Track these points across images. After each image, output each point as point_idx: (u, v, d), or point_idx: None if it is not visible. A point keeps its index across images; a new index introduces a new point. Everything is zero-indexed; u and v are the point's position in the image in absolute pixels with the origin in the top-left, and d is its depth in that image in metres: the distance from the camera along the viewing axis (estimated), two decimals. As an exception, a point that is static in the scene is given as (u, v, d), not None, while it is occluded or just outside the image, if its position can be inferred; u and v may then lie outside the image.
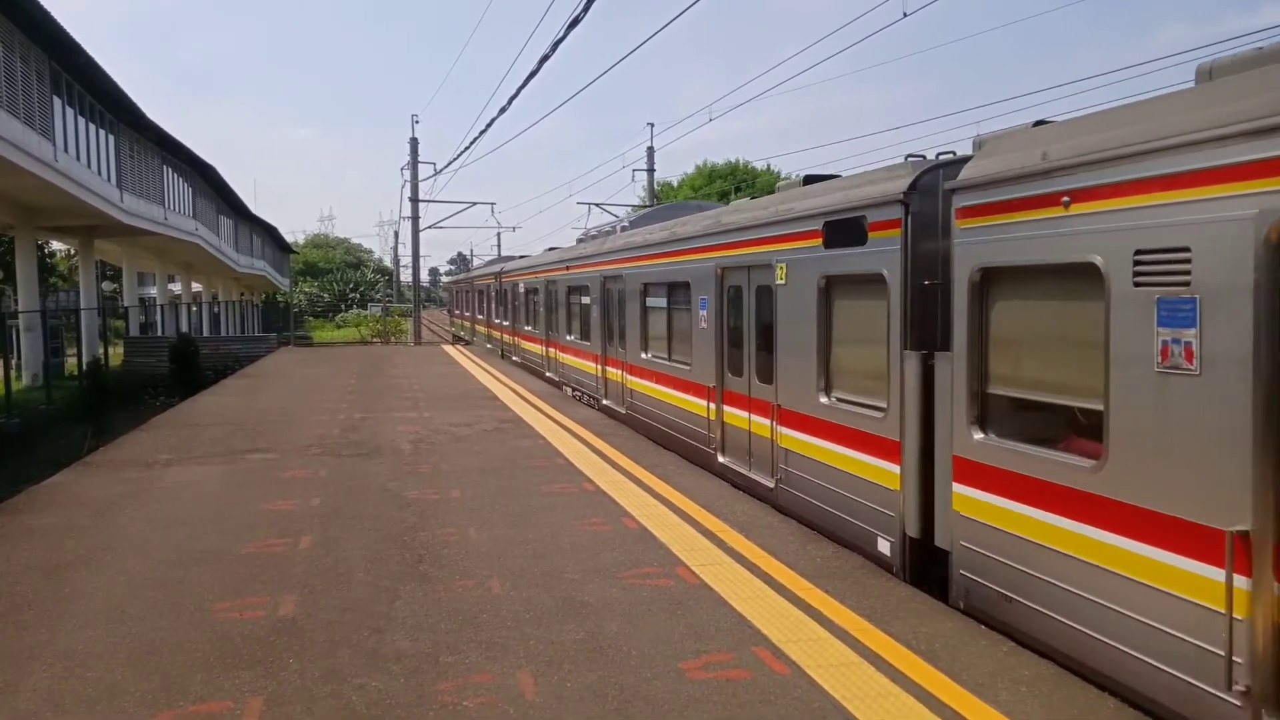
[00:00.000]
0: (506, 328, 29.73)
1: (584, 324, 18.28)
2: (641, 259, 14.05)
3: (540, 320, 22.87)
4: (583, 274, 18.05)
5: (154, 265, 44.44)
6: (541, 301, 22.60)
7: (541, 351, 22.79)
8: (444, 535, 7.72)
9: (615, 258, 15.56)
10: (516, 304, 27.45)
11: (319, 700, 4.70)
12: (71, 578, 6.68)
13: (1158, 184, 4.71)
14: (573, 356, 19.25)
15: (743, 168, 60.37)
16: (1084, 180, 5.13)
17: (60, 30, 20.80)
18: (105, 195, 26.38)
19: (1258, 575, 4.17)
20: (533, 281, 24.21)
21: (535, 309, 23.84)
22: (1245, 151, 4.24)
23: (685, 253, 11.89)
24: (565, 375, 20.17)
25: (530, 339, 24.74)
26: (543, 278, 22.54)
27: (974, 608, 6.05)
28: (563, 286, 20.04)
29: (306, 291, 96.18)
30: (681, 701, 4.65)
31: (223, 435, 13.08)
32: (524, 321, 25.93)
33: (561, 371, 20.64)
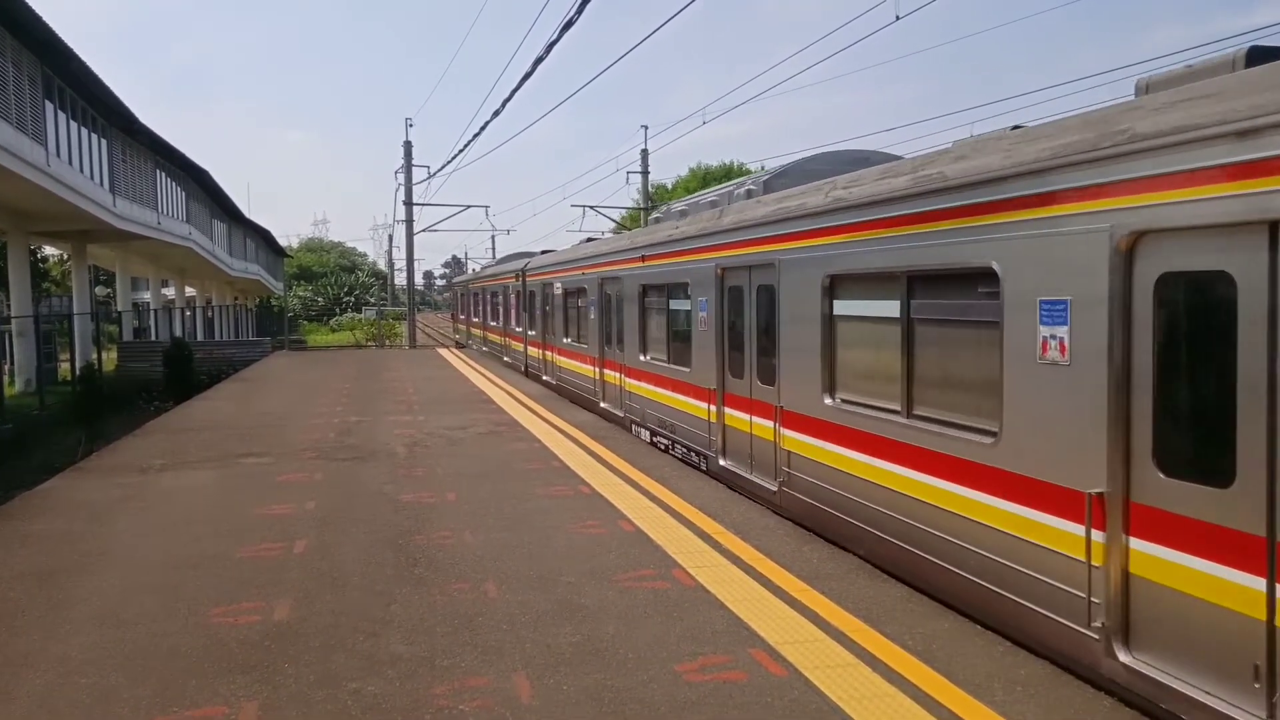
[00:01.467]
0: (532, 339, 23.81)
1: (684, 340, 12.06)
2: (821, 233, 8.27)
3: (592, 332, 16.90)
4: (679, 265, 12.02)
5: (147, 270, 44.31)
6: (594, 306, 16.67)
7: (594, 374, 16.77)
8: (439, 539, 7.71)
9: (747, 236, 9.88)
10: (549, 309, 21.53)
11: (314, 705, 4.68)
12: (65, 583, 6.65)
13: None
14: (663, 390, 12.76)
15: (737, 170, 60.40)
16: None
17: (52, 35, 20.75)
18: (98, 200, 26.31)
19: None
20: (577, 280, 18.25)
21: (581, 315, 18.12)
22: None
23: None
24: (647, 413, 13.46)
25: (573, 356, 18.81)
26: (595, 274, 16.60)
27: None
28: (634, 285, 14.02)
29: (301, 295, 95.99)
30: (678, 704, 4.65)
31: (217, 440, 13.04)
32: (563, 332, 19.86)
33: (636, 406, 13.93)
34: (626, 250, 14.69)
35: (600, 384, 16.38)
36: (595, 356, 16.56)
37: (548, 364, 21.60)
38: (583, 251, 18.61)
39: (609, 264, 15.68)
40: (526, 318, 24.68)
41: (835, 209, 7.95)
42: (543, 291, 22.13)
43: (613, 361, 15.42)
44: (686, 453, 11.76)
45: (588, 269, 17.31)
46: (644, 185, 41.79)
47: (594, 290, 16.52)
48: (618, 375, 14.86)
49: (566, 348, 19.38)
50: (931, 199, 6.57)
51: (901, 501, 6.90)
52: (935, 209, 6.55)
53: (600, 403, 15.16)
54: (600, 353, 16.23)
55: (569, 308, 19.38)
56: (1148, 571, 4.81)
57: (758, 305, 9.80)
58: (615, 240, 17.10)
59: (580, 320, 18.14)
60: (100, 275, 52.13)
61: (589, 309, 16.95)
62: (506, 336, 28.99)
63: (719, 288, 10.64)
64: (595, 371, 16.48)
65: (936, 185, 6.52)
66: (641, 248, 13.76)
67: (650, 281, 13.39)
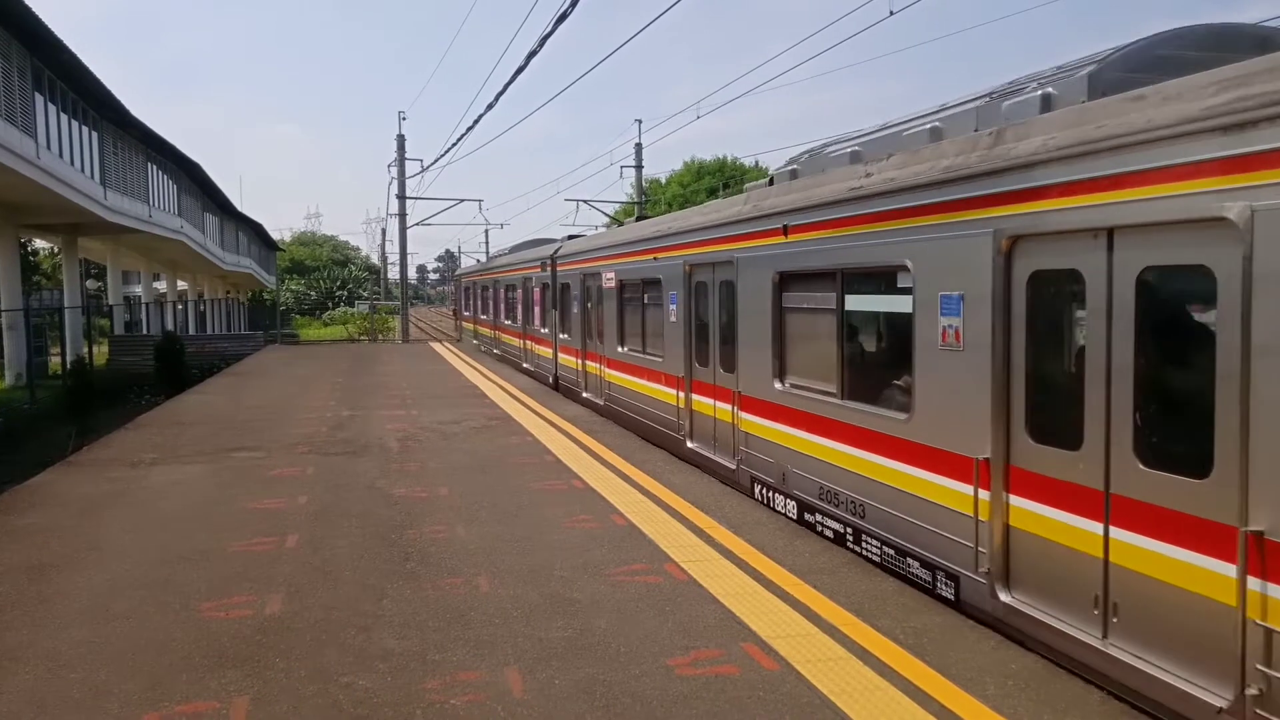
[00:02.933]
0: (565, 344, 18.79)
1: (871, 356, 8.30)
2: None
3: (671, 339, 12.10)
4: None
5: (139, 263, 44.16)
6: (674, 302, 11.99)
7: (675, 399, 11.98)
8: (432, 533, 7.70)
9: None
10: (592, 305, 16.54)
11: (306, 699, 4.67)
12: (55, 578, 6.62)
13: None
14: (847, 447, 7.91)
15: (731, 164, 60.40)
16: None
17: (42, 27, 20.61)
18: (89, 192, 26.17)
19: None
20: (644, 268, 13.23)
21: (651, 315, 13.25)
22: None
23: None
24: (805, 479, 8.57)
25: (637, 371, 13.77)
26: (678, 258, 11.77)
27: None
28: (760, 273, 9.37)
29: (293, 289, 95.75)
30: (670, 698, 4.65)
31: (209, 434, 13.00)
32: (618, 337, 14.78)
33: (773, 458, 9.22)
34: (748, 220, 9.53)
35: (686, 414, 11.62)
36: (677, 375, 11.85)
37: (592, 378, 16.71)
38: (655, 228, 13.22)
39: (712, 242, 10.61)
40: (556, 316, 19.55)
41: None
42: (582, 284, 17.08)
43: (713, 385, 10.80)
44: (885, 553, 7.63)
45: (667, 250, 12.20)
46: (638, 179, 41.77)
47: (676, 280, 11.81)
48: (729, 409, 10.14)
49: (624, 359, 14.45)
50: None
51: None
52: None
53: (687, 441, 11.46)
54: (686, 369, 11.57)
55: (628, 304, 14.46)
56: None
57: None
58: (719, 207, 11.11)
59: (650, 322, 13.29)
60: (91, 269, 51.87)
61: (666, 306, 12.22)
62: (527, 339, 23.40)
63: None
64: (678, 397, 11.82)
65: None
66: (783, 213, 8.79)
67: (808, 266, 8.45)
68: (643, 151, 40.39)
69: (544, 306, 21.10)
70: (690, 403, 11.57)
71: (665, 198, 57.08)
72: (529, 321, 23.25)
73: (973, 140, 6.41)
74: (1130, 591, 4.97)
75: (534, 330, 22.62)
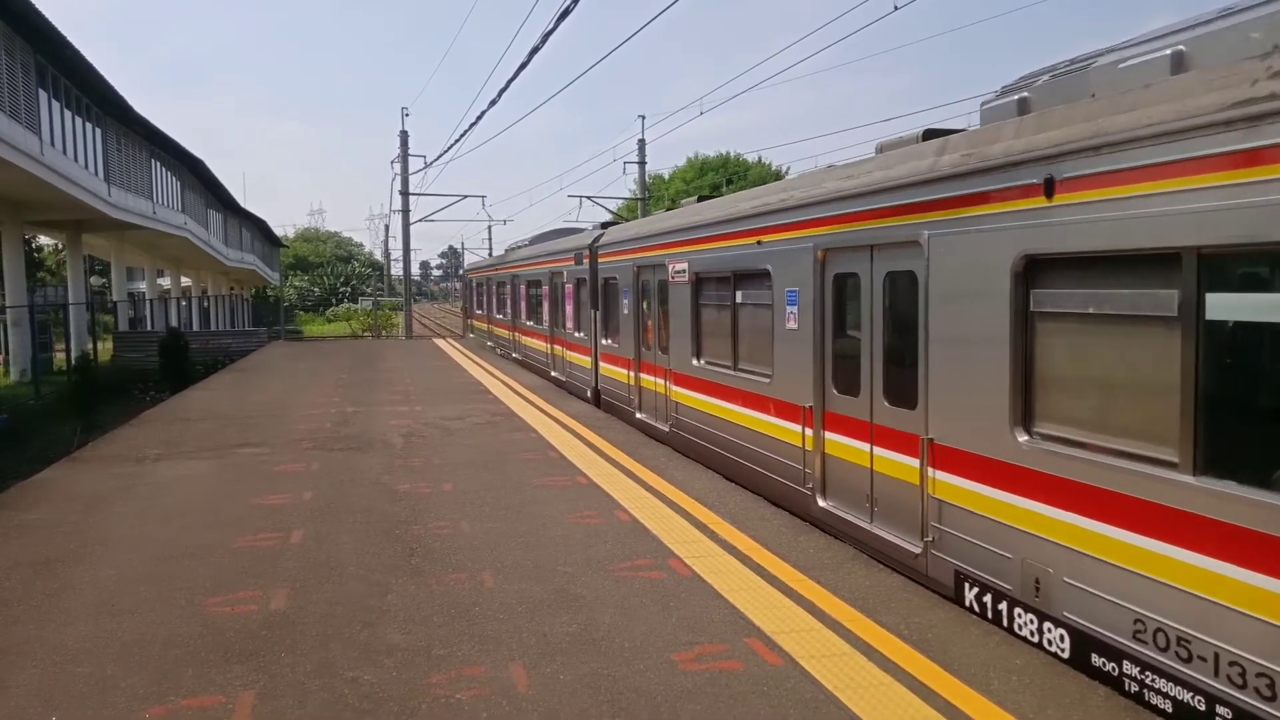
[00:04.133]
0: (610, 352, 15.74)
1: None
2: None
3: (790, 353, 8.93)
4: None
5: (143, 260, 44.18)
6: (791, 304, 8.87)
7: (795, 439, 8.74)
8: (436, 528, 7.71)
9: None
10: (649, 306, 13.57)
11: (311, 694, 4.69)
12: (61, 573, 6.64)
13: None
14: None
15: (734, 160, 60.30)
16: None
17: (46, 23, 20.62)
18: (92, 189, 26.19)
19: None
20: (733, 256, 10.28)
21: (755, 322, 9.87)
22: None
23: None
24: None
25: (725, 393, 10.55)
26: (792, 242, 8.81)
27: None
28: (988, 259, 6.11)
29: (297, 285, 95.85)
30: (674, 693, 4.66)
31: (213, 430, 13.02)
32: (693, 347, 11.63)
33: (986, 540, 6.21)
34: (959, 177, 6.35)
35: (817, 459, 8.28)
36: (799, 404, 8.58)
37: (650, 397, 13.52)
38: (758, 200, 9.74)
39: (868, 215, 7.47)
40: (597, 318, 16.52)
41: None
42: (635, 278, 14.05)
43: (871, 425, 7.52)
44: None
45: (782, 230, 8.95)
46: (641, 176, 41.72)
47: (799, 271, 8.56)
48: (908, 463, 6.95)
49: (704, 376, 11.22)
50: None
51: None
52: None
53: (819, 498, 8.25)
54: (817, 397, 8.29)
55: (709, 304, 11.29)
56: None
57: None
58: (884, 162, 7.49)
59: (747, 328, 10.11)
60: (95, 265, 51.97)
61: (779, 307, 9.01)
62: (556, 344, 20.24)
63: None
64: (802, 435, 8.52)
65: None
66: (1049, 158, 5.58)
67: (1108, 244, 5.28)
68: (646, 147, 40.35)
69: (578, 306, 17.90)
70: (823, 444, 8.21)
71: (668, 194, 57.01)
72: (558, 323, 19.91)
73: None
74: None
75: (565, 334, 19.21)
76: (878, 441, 7.43)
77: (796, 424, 8.68)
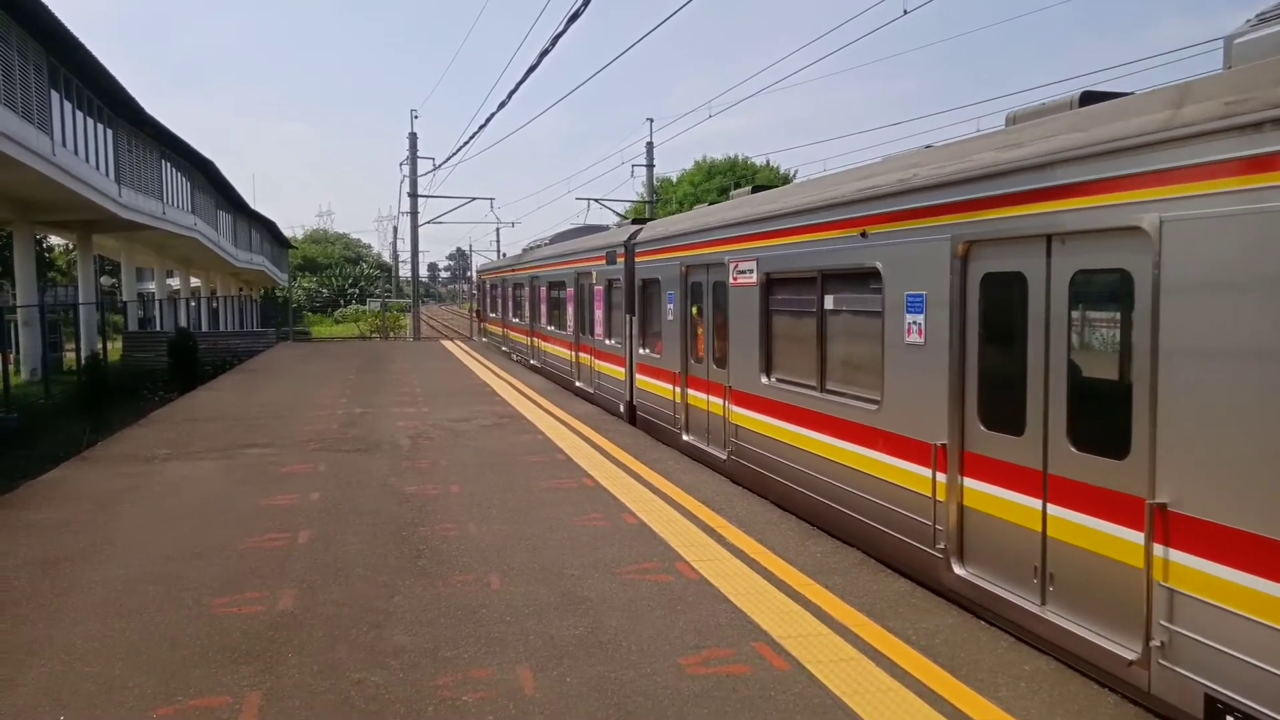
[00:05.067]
0: (651, 363, 13.69)
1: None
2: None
3: (918, 380, 6.80)
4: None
5: (152, 260, 44.37)
6: (927, 315, 6.70)
7: (919, 485, 6.76)
8: (443, 530, 7.71)
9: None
10: (714, 313, 11.20)
11: (318, 695, 4.69)
12: (70, 572, 6.66)
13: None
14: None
15: (742, 164, 60.27)
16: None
17: (58, 24, 20.72)
18: (103, 190, 26.31)
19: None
20: (823, 253, 8.34)
21: (852, 335, 8.23)
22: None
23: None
24: None
25: (814, 421, 8.49)
26: (934, 230, 6.62)
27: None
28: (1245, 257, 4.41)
29: (305, 287, 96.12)
30: (681, 697, 4.64)
31: (221, 430, 13.06)
32: (763, 365, 9.73)
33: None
34: (1205, 135, 4.61)
35: (952, 514, 6.42)
36: (923, 439, 6.73)
37: (699, 416, 11.71)
38: (863, 183, 7.72)
39: (1042, 196, 5.63)
40: (632, 324, 14.58)
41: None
42: (682, 280, 12.25)
43: (1062, 481, 5.55)
44: None
45: (898, 218, 7.12)
46: (649, 179, 41.74)
47: (924, 271, 6.74)
48: (1131, 538, 5.00)
49: (776, 396, 9.31)
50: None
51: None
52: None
53: (955, 565, 6.39)
54: (954, 433, 6.42)
55: (783, 311, 9.47)
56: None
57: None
58: (1056, 125, 5.72)
59: (840, 342, 8.37)
60: (105, 265, 52.19)
61: (892, 317, 7.15)
62: (581, 352, 18.50)
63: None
64: (933, 482, 6.58)
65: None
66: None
67: None
68: (654, 150, 40.39)
69: (610, 310, 16.19)
70: (960, 493, 6.32)
71: (676, 197, 57.01)
72: (585, 329, 18.13)
73: None
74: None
75: (594, 341, 17.41)
76: (1055, 498, 5.53)
77: (920, 465, 6.73)
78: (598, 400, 16.70)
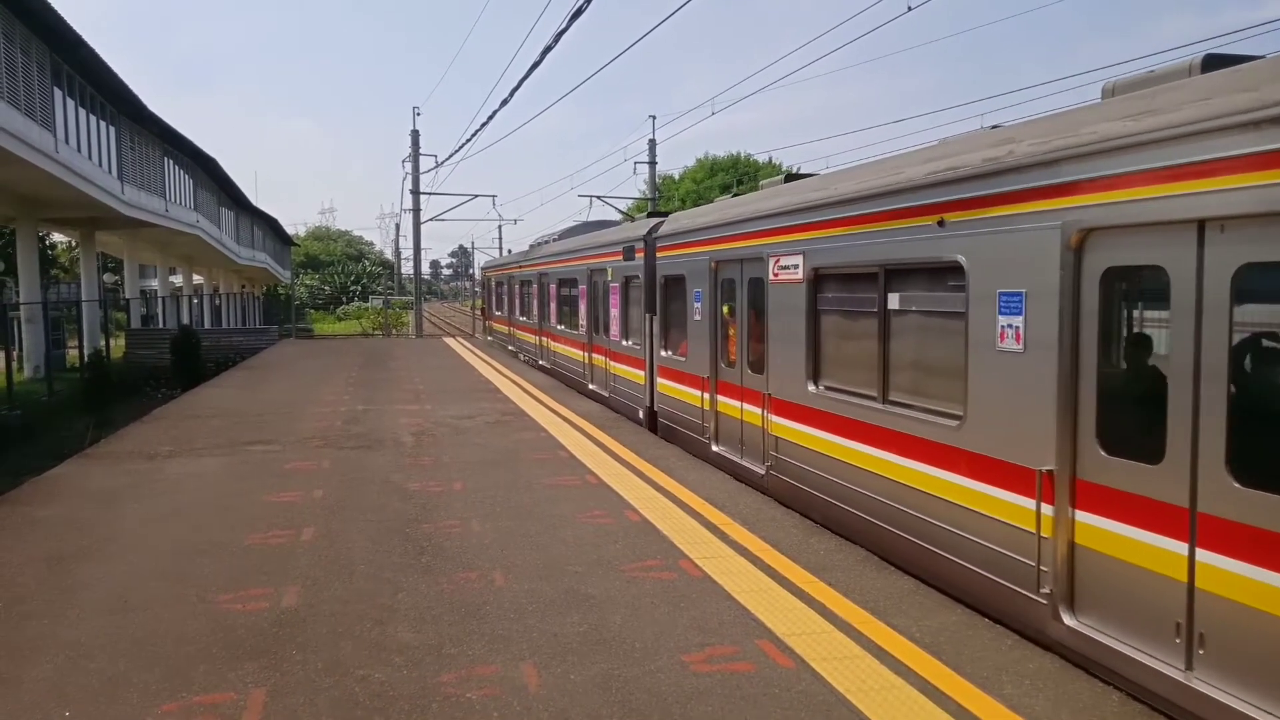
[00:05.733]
0: (680, 370, 12.49)
1: None
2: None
3: (1016, 392, 5.76)
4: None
5: (155, 257, 44.45)
6: (1026, 316, 5.69)
7: (1021, 518, 5.71)
8: (446, 527, 7.71)
9: None
10: (749, 312, 10.28)
11: (322, 691, 4.69)
12: (74, 569, 6.67)
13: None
14: None
15: (745, 161, 60.23)
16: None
17: (61, 22, 20.73)
18: (106, 187, 26.32)
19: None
20: (885, 246, 7.31)
21: (921, 336, 7.21)
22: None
23: None
24: None
25: (873, 436, 7.49)
26: (1045, 217, 5.51)
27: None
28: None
29: (308, 284, 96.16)
30: (685, 694, 4.64)
31: (224, 427, 13.07)
32: (810, 372, 8.66)
33: None
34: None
35: (1059, 553, 5.42)
36: (1026, 464, 5.66)
37: (730, 425, 10.78)
38: (951, 160, 6.54)
39: (1176, 174, 4.67)
40: (653, 324, 13.68)
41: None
42: (712, 277, 11.14)
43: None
44: None
45: (992, 203, 6.02)
46: (651, 176, 41.71)
47: (1030, 265, 5.67)
48: (1258, 577, 4.29)
49: (822, 405, 8.38)
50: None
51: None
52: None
53: (1064, 613, 5.40)
54: (1065, 457, 5.41)
55: (833, 311, 8.48)
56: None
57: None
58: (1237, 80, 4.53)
59: (904, 344, 7.37)
60: (108, 262, 52.22)
61: (981, 317, 6.14)
62: (595, 352, 17.57)
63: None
64: (1036, 515, 5.52)
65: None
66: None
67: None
68: (656, 147, 40.35)
69: (627, 309, 15.32)
70: (1071, 530, 5.34)
71: (678, 194, 56.98)
72: (599, 329, 17.20)
73: None
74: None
75: (609, 342, 16.45)
76: (1209, 541, 4.53)
77: (1016, 493, 5.73)
78: (613, 404, 15.74)
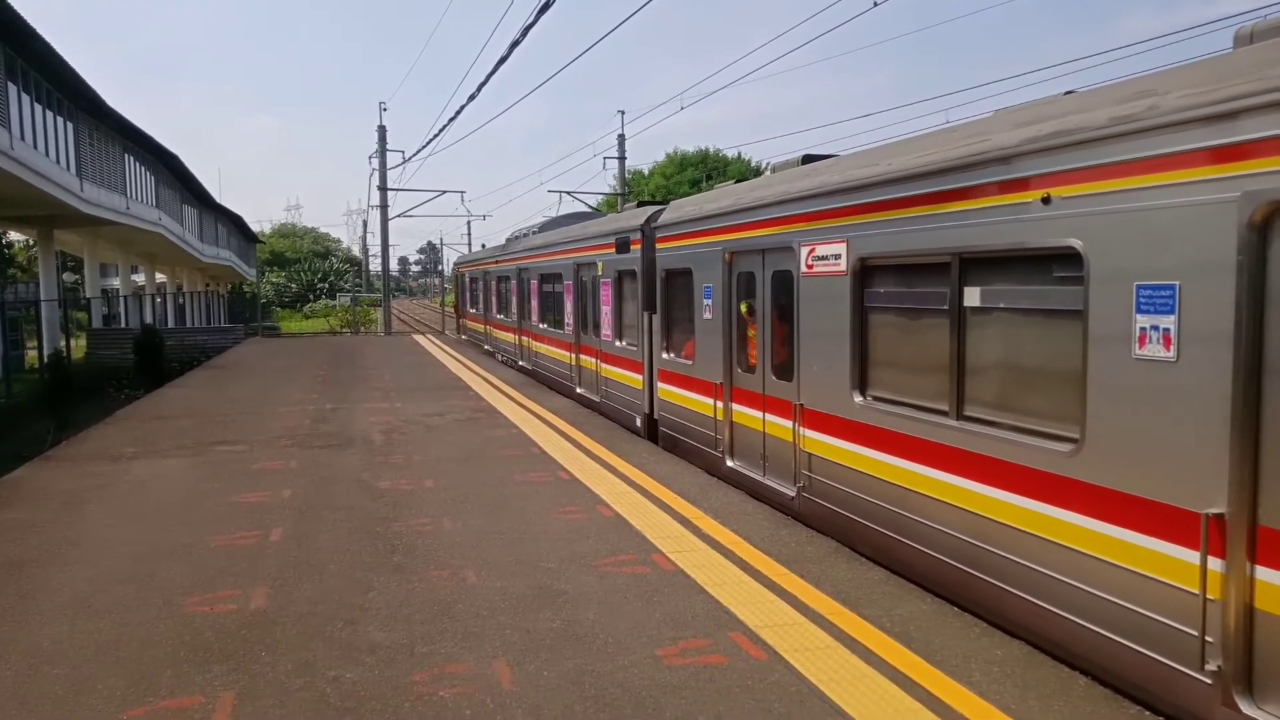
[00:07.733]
0: (685, 375, 11.08)
1: None
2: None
3: (1165, 418, 4.50)
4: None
5: (116, 256, 43.59)
6: (1184, 312, 4.38)
7: (1176, 575, 4.44)
8: (417, 526, 7.66)
9: None
10: (770, 311, 8.95)
11: (292, 693, 4.64)
12: (36, 573, 6.54)
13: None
14: None
15: (714, 156, 60.35)
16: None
17: (14, 15, 20.27)
18: (64, 184, 25.79)
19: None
20: (960, 232, 6.01)
21: (1020, 342, 5.76)
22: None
23: None
24: None
25: (944, 459, 6.18)
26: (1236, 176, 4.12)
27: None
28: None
29: (274, 282, 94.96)
30: (659, 688, 4.65)
31: (190, 427, 12.88)
32: (856, 381, 7.30)
33: None
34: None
35: (1230, 614, 4.18)
36: (1174, 500, 4.48)
37: (748, 437, 9.50)
38: (1025, 132, 5.41)
39: None
40: (652, 323, 12.32)
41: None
42: (725, 270, 9.82)
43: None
44: None
45: (1101, 176, 4.86)
46: (621, 171, 41.66)
47: (1185, 251, 4.39)
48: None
49: (882, 422, 6.98)
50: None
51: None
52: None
53: (1238, 697, 4.13)
54: (1239, 497, 4.17)
55: (891, 309, 7.14)
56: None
57: None
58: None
59: (990, 356, 5.99)
60: (68, 261, 51.26)
61: (1103, 321, 4.88)
62: (583, 354, 16.29)
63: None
64: (1202, 571, 4.27)
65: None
66: None
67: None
68: (625, 143, 40.32)
69: (619, 306, 13.98)
70: (1250, 593, 4.16)
71: (648, 189, 56.98)
72: (587, 328, 15.90)
73: None
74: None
75: (599, 342, 15.03)
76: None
77: (1168, 541, 4.55)
78: (605, 410, 14.35)
